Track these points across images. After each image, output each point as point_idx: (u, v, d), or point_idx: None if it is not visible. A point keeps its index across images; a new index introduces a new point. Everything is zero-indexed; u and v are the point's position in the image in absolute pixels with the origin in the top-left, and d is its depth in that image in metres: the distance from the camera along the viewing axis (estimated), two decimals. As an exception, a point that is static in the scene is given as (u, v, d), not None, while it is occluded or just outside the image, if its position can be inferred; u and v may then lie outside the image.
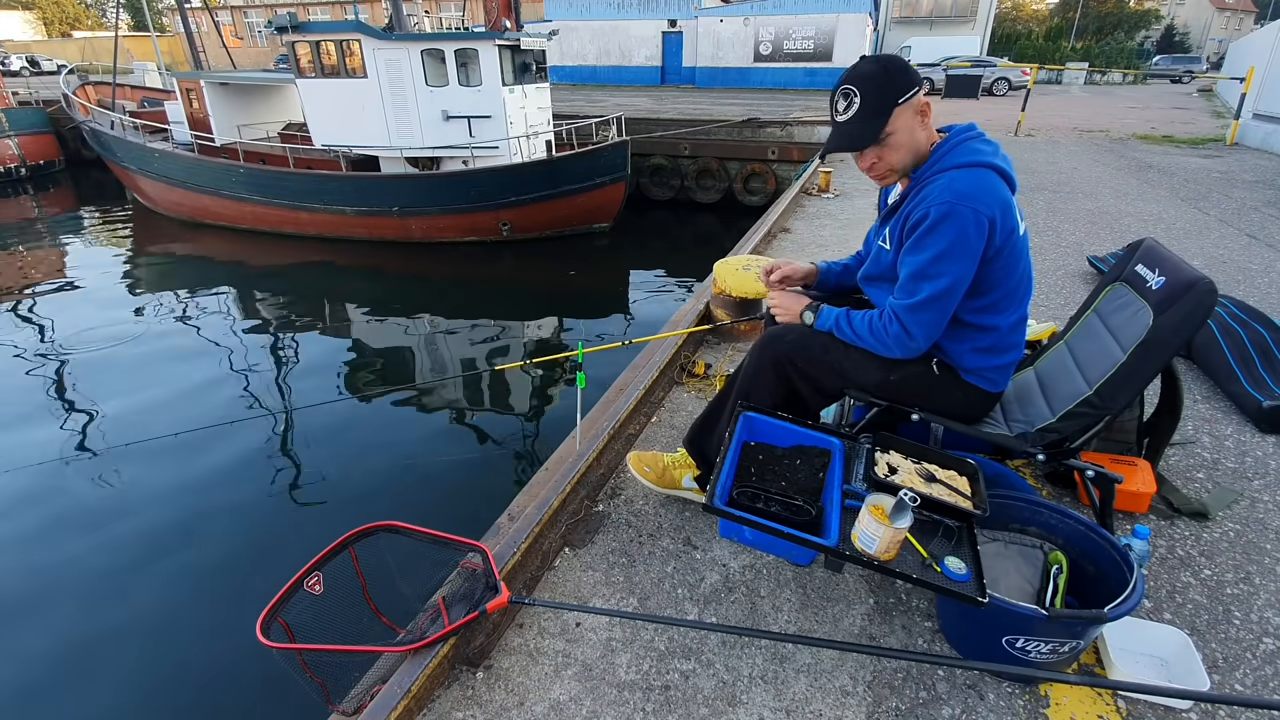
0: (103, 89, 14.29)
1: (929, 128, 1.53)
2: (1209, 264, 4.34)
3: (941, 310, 1.49)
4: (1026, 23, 48.27)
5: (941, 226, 1.42)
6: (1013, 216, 1.47)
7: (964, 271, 1.45)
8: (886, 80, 1.46)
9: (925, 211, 1.44)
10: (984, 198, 1.42)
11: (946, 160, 1.49)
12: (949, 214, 1.40)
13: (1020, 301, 1.58)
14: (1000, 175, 1.47)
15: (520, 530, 1.71)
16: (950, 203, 1.40)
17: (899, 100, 1.46)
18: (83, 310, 8.28)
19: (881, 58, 1.49)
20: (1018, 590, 1.49)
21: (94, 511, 4.38)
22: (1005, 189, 1.47)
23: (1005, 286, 1.53)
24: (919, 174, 1.53)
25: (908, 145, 1.51)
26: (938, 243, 1.43)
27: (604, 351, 2.43)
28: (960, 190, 1.41)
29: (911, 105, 1.48)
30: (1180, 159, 8.89)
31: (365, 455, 4.98)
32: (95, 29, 49.32)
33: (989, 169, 1.46)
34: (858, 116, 1.48)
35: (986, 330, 1.57)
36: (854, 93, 1.47)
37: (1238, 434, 2.39)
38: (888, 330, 1.54)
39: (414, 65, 9.35)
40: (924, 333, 1.51)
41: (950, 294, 1.47)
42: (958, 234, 1.41)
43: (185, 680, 3.17)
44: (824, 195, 6.80)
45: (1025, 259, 1.54)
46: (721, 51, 24.16)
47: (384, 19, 12.14)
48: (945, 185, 1.43)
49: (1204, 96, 21.12)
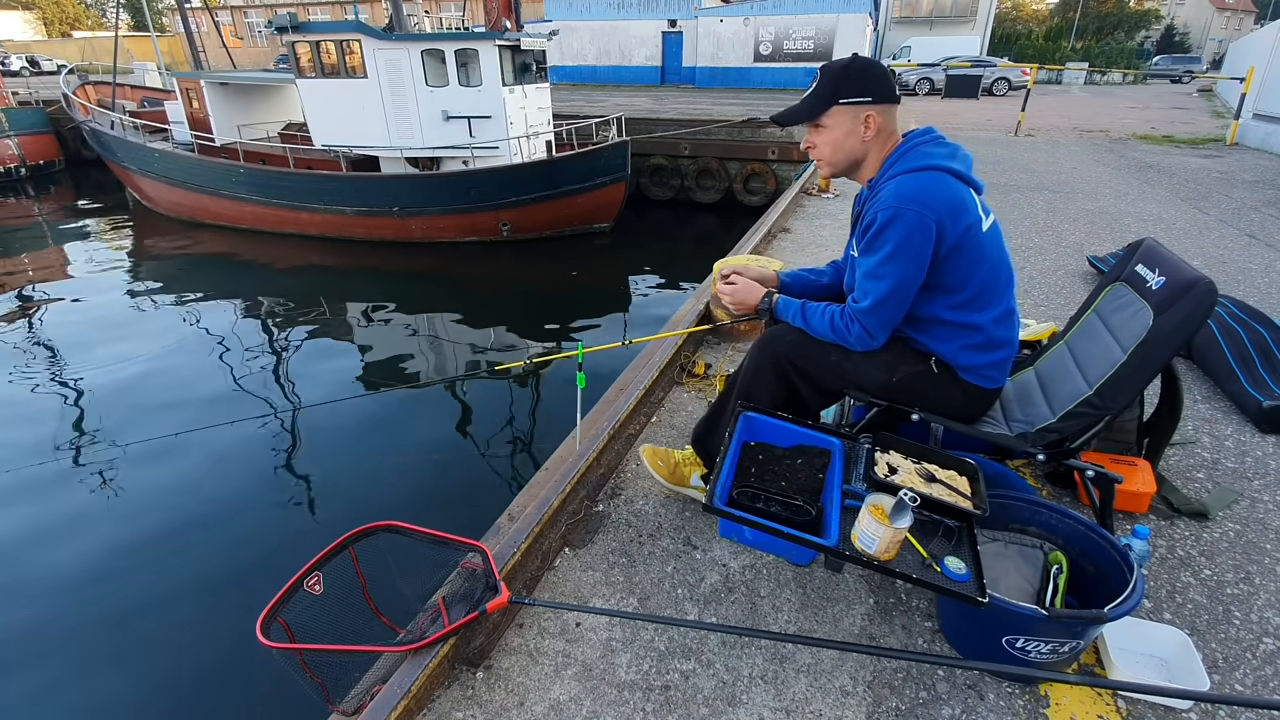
0: (103, 89, 14.29)
1: (871, 141, 1.58)
2: (1209, 264, 4.34)
3: (895, 307, 1.57)
4: (1026, 23, 48.29)
5: (888, 229, 1.48)
6: (967, 214, 1.50)
7: (912, 271, 1.50)
8: (842, 77, 1.56)
9: (874, 216, 1.52)
10: (927, 199, 1.46)
11: (896, 167, 1.55)
12: (894, 217, 1.47)
13: (999, 297, 1.59)
14: (954, 175, 1.51)
15: (520, 530, 1.71)
16: (894, 206, 1.47)
17: (840, 99, 1.55)
18: (82, 310, 8.29)
19: (860, 60, 1.57)
20: (1018, 590, 1.49)
21: (93, 511, 4.38)
22: (957, 188, 1.50)
23: (974, 283, 1.55)
24: (875, 181, 1.61)
25: (837, 145, 1.60)
26: (885, 244, 1.50)
27: (604, 351, 2.43)
28: (904, 194, 1.47)
29: (852, 110, 1.55)
30: (1180, 159, 8.89)
31: (365, 455, 4.98)
32: (95, 29, 49.31)
33: (937, 171, 1.50)
34: (811, 95, 1.60)
35: (972, 328, 1.59)
36: (818, 77, 1.58)
37: (1238, 434, 2.39)
38: (850, 330, 1.61)
39: (414, 65, 9.35)
40: (883, 331, 1.60)
41: (900, 291, 1.53)
42: (903, 236, 1.47)
43: (185, 680, 3.17)
44: (824, 195, 6.80)
45: (993, 254, 1.56)
46: (721, 51, 24.15)
47: (384, 19, 12.12)
48: (892, 190, 1.50)
49: (1204, 96, 21.13)
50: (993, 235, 1.57)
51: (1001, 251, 1.59)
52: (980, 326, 1.58)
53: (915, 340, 1.65)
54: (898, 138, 1.62)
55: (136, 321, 7.95)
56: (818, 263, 4.67)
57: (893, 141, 1.61)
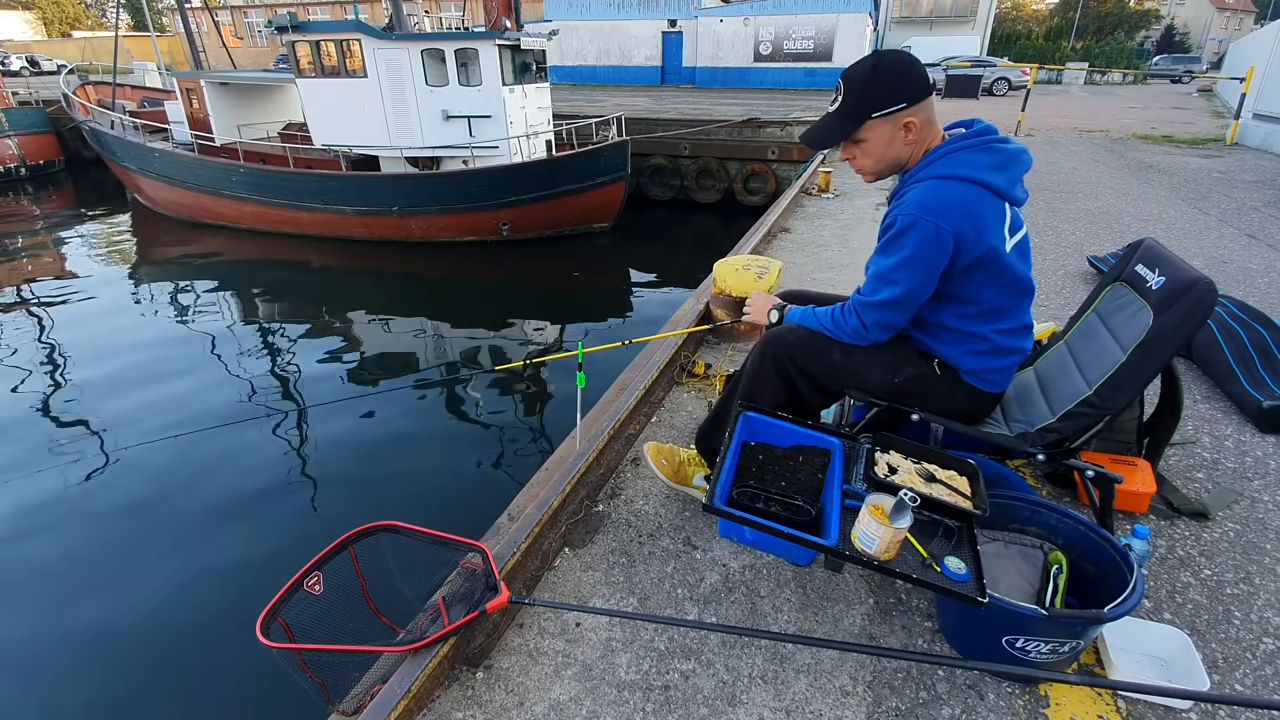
0: (103, 89, 14.29)
1: (915, 142, 1.52)
2: (1209, 264, 4.34)
3: (898, 312, 1.55)
4: (1026, 23, 48.27)
5: (905, 236, 1.45)
6: (989, 234, 1.44)
7: (922, 281, 1.48)
8: (868, 90, 1.47)
9: (894, 218, 1.48)
10: (950, 213, 1.42)
11: (930, 169, 1.49)
12: (912, 225, 1.44)
13: (1013, 313, 1.56)
14: (989, 190, 1.45)
15: (520, 530, 1.71)
16: (915, 215, 1.43)
17: (873, 114, 1.48)
18: (82, 310, 8.29)
19: (884, 63, 1.47)
20: (1018, 590, 1.49)
21: (93, 512, 4.38)
22: (985, 205, 1.44)
23: (986, 299, 1.52)
24: (906, 178, 1.57)
25: (879, 155, 1.54)
26: (899, 251, 1.47)
27: (604, 351, 2.44)
28: (927, 204, 1.43)
29: (890, 120, 1.48)
30: (1180, 159, 8.88)
31: (365, 455, 4.98)
32: (95, 29, 49.28)
33: (969, 183, 1.44)
34: (837, 113, 1.52)
35: (980, 338, 1.57)
36: (842, 89, 1.50)
37: (1238, 434, 2.38)
38: (847, 321, 1.60)
39: (414, 65, 9.35)
40: (880, 330, 1.59)
41: (906, 300, 1.52)
42: (918, 246, 1.44)
43: (185, 680, 3.17)
44: (824, 195, 6.80)
45: (1014, 272, 1.50)
46: (721, 51, 24.15)
47: (384, 19, 12.13)
48: (917, 196, 1.45)
49: (1204, 96, 21.12)
50: (1017, 254, 1.51)
51: (1024, 269, 1.53)
52: (988, 337, 1.56)
53: (920, 342, 1.65)
54: (938, 129, 1.54)
55: (136, 321, 7.95)
56: (818, 263, 4.69)
57: (933, 134, 1.53)
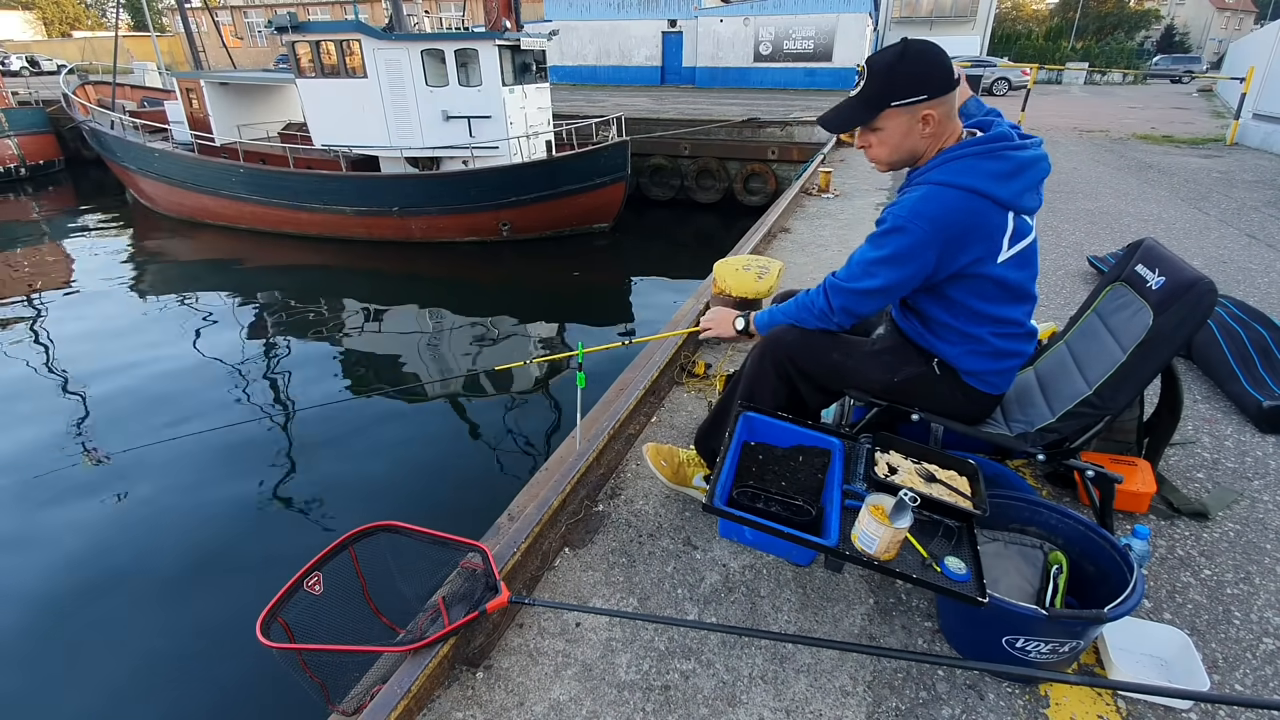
0: (103, 89, 14.28)
1: (932, 136, 1.48)
2: (1209, 264, 4.34)
3: (868, 304, 1.56)
4: (1026, 23, 48.29)
5: (891, 236, 1.46)
6: (981, 245, 1.43)
7: (899, 281, 1.48)
8: (892, 76, 1.44)
9: (888, 214, 1.48)
10: (939, 222, 1.40)
11: (936, 172, 1.46)
12: (900, 229, 1.44)
13: (1010, 320, 1.54)
14: (992, 200, 1.42)
15: (520, 530, 1.71)
16: (905, 219, 1.43)
17: (893, 103, 1.45)
18: (82, 311, 8.28)
19: (911, 51, 1.43)
20: (1018, 590, 1.49)
21: (93, 513, 4.37)
22: (981, 217, 1.42)
23: (976, 306, 1.51)
24: (913, 175, 1.56)
25: (895, 145, 1.51)
26: (883, 248, 1.47)
27: (604, 351, 2.43)
28: (919, 210, 1.42)
29: (909, 111, 1.45)
30: (1180, 159, 8.88)
31: (365, 455, 4.98)
32: (95, 29, 49.29)
33: (970, 193, 1.41)
34: (858, 98, 1.50)
35: (978, 339, 1.57)
36: (865, 73, 1.48)
37: (1238, 434, 2.38)
38: (814, 304, 1.61)
39: (414, 65, 9.35)
40: (845, 315, 1.60)
41: (880, 294, 1.52)
42: (901, 250, 1.44)
43: (185, 680, 3.17)
44: (824, 195, 6.80)
45: (1005, 283, 1.48)
46: (721, 51, 24.16)
47: (384, 19, 12.12)
48: (914, 199, 1.44)
49: (1204, 96, 21.13)
50: (1016, 263, 1.47)
51: (1021, 277, 1.50)
52: (985, 339, 1.56)
53: (920, 339, 1.65)
54: (957, 125, 1.51)
55: (135, 322, 7.94)
56: (818, 263, 4.69)
57: (952, 129, 1.50)
